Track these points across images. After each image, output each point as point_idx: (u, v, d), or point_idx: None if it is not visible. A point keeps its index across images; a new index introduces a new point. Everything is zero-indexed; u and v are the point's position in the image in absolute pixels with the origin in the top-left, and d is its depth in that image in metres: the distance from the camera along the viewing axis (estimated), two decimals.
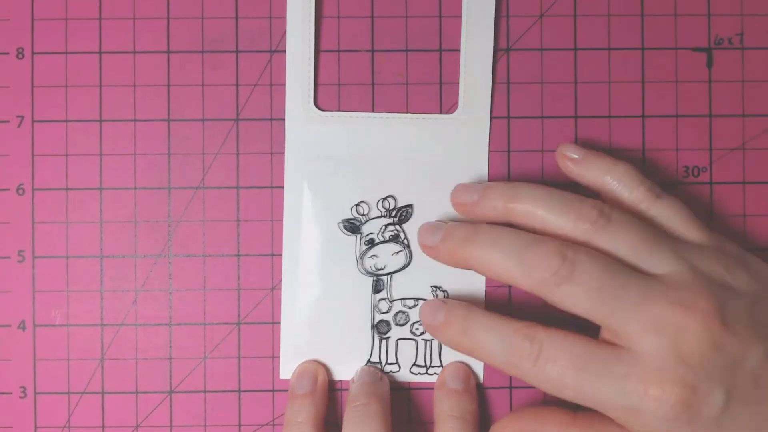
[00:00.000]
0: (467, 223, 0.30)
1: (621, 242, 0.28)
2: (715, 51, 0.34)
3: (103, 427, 0.33)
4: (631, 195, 0.30)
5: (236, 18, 0.33)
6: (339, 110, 0.33)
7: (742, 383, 0.26)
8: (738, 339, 0.26)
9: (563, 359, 0.27)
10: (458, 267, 0.30)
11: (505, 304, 0.34)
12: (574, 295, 0.27)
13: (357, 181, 0.33)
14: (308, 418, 0.31)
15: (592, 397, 0.27)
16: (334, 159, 0.33)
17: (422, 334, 0.33)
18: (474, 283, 0.33)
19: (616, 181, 0.30)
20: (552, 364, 0.27)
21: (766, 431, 0.26)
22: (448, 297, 0.33)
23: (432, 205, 0.33)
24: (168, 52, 0.33)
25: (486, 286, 0.33)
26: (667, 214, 0.30)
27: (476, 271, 0.29)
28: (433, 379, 0.33)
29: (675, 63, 0.34)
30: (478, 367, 0.33)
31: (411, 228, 0.33)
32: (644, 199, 0.30)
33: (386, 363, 0.33)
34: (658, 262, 0.28)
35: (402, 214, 0.33)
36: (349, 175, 0.33)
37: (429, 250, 0.31)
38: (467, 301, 0.32)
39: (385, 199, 0.33)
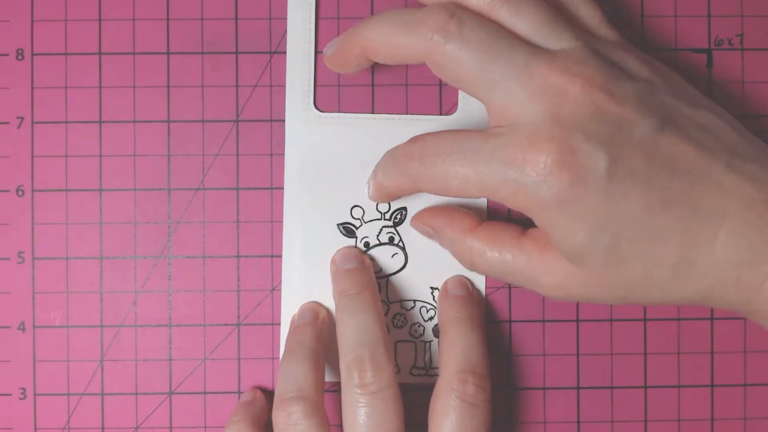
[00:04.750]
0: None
1: (523, 16, 0.27)
2: (715, 52, 0.34)
3: (103, 428, 0.33)
4: None
5: (236, 19, 0.33)
6: (339, 111, 0.33)
7: (630, 155, 0.25)
8: (624, 109, 0.26)
9: (444, 152, 0.27)
10: (358, 63, 0.30)
11: (505, 305, 0.34)
12: (460, 54, 0.26)
13: (356, 183, 0.33)
14: (309, 340, 0.31)
15: (477, 182, 0.26)
16: (334, 160, 0.33)
17: (421, 336, 0.33)
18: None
19: None
20: (433, 160, 0.27)
21: (659, 213, 0.25)
22: None
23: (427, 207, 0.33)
24: (168, 53, 0.33)
25: (486, 287, 0.33)
26: (584, 7, 0.29)
27: (371, 56, 0.29)
28: (433, 380, 0.33)
29: (675, 64, 0.34)
30: (479, 281, 0.33)
31: (406, 231, 0.33)
32: None
33: None
34: (555, 41, 0.27)
35: (397, 216, 0.33)
36: (349, 177, 0.33)
37: (331, 61, 0.31)
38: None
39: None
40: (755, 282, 0.26)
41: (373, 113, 0.33)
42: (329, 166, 0.33)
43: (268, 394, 0.33)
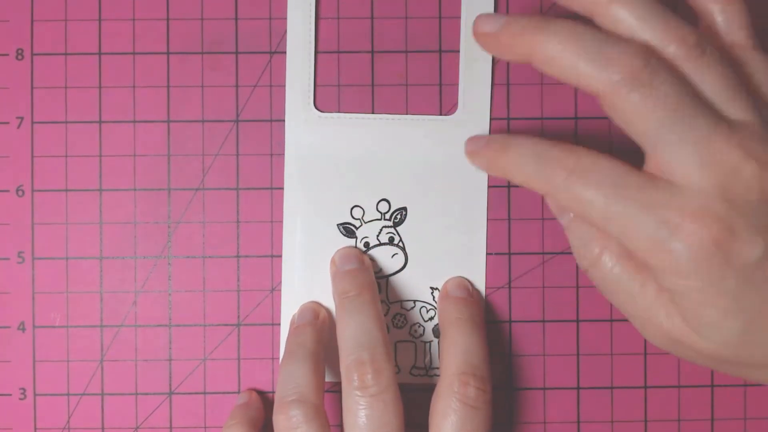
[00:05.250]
0: (538, 14, 0.27)
1: (707, 78, 0.25)
2: None
3: (102, 428, 0.33)
4: (731, 35, 0.28)
5: (236, 19, 0.33)
6: (339, 111, 0.33)
7: None
8: None
9: (598, 177, 0.25)
10: (515, 59, 0.27)
11: (505, 305, 0.34)
12: (643, 106, 0.25)
13: (356, 183, 0.33)
14: (309, 341, 0.31)
15: (620, 222, 0.25)
16: (334, 160, 0.33)
17: (421, 336, 0.33)
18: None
19: (722, 14, 0.28)
20: (585, 180, 0.25)
21: None
22: None
23: (427, 207, 0.33)
24: (168, 53, 0.33)
25: (486, 288, 0.33)
26: (757, 67, 0.27)
27: (536, 63, 0.26)
28: (433, 381, 0.33)
29: None
30: (479, 281, 0.33)
31: (406, 231, 0.33)
32: (741, 45, 0.28)
33: None
34: (734, 109, 0.25)
35: (397, 216, 0.33)
36: (349, 177, 0.33)
37: (485, 38, 0.28)
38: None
39: (379, 202, 0.33)
40: None
41: (373, 113, 0.33)
42: (329, 166, 0.33)
43: (264, 396, 0.33)
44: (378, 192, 0.33)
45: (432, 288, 0.33)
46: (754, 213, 0.24)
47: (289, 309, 0.33)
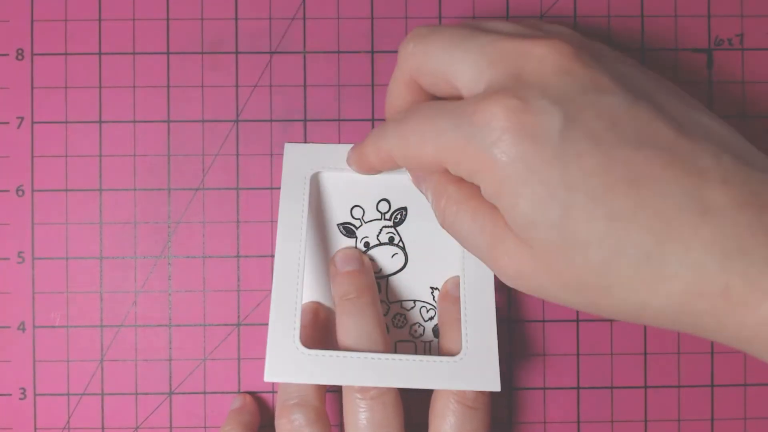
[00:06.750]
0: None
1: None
2: (715, 52, 0.34)
3: (102, 428, 0.33)
4: None
5: (236, 19, 0.33)
6: (338, 112, 0.33)
7: (591, 118, 0.23)
8: (593, 72, 0.24)
9: (421, 116, 0.26)
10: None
11: (504, 306, 0.34)
12: (428, 50, 0.26)
13: (357, 183, 0.33)
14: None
15: (438, 143, 0.25)
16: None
17: (421, 336, 0.33)
18: None
19: None
20: (412, 124, 0.26)
21: (621, 189, 0.22)
22: None
23: (428, 207, 0.33)
24: (168, 53, 0.33)
25: None
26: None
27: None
28: None
29: (675, 64, 0.34)
30: None
31: (406, 231, 0.33)
32: None
33: None
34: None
35: (397, 216, 0.33)
36: (349, 177, 0.33)
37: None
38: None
39: (379, 202, 0.33)
40: (752, 296, 0.21)
41: (372, 113, 0.33)
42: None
43: (261, 397, 0.33)
44: (378, 192, 0.33)
45: (432, 288, 0.33)
46: (549, 83, 0.23)
47: None
